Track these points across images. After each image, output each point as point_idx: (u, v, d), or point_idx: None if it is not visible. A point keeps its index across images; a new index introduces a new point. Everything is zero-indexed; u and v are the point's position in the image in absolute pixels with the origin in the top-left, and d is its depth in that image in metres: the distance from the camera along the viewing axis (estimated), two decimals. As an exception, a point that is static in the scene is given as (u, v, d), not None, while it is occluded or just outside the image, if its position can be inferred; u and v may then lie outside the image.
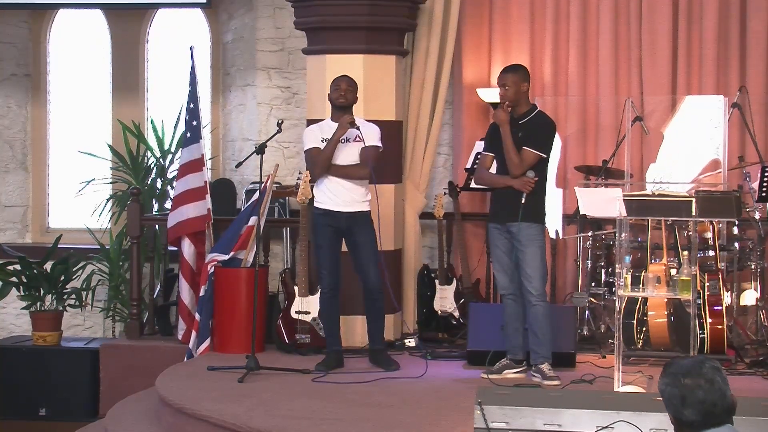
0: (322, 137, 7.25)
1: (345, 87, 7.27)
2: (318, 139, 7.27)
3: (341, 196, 7.21)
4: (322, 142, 7.24)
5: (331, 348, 7.34)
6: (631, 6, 8.62)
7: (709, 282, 7.27)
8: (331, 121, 7.31)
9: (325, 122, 7.40)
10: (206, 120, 9.44)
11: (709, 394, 3.38)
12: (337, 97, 7.27)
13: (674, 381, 3.42)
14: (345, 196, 7.22)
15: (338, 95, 7.26)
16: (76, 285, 9.05)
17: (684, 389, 3.39)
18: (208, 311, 7.88)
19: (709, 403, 3.37)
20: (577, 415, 4.70)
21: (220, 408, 6.16)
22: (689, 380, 3.39)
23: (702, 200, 6.44)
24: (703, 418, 3.37)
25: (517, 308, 6.98)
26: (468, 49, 8.86)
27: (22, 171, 10.06)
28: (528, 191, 6.78)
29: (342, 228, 7.26)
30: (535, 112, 6.98)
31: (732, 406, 3.41)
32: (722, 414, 3.38)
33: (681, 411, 3.39)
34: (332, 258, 7.30)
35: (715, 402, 3.37)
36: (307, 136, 7.36)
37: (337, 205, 7.22)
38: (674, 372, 3.44)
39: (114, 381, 8.18)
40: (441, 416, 6.00)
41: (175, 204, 8.33)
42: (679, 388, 3.40)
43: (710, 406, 3.37)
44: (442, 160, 9.14)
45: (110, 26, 10.00)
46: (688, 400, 3.38)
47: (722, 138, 7.94)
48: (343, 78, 7.34)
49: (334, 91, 7.30)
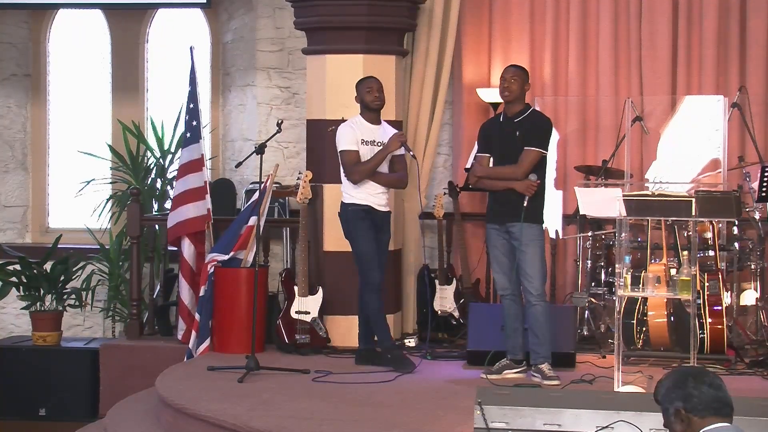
0: (362, 138, 7.26)
1: (377, 88, 7.30)
2: (354, 140, 7.26)
3: (380, 196, 7.30)
4: (362, 144, 7.24)
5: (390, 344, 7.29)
6: (631, 6, 8.62)
7: (709, 282, 7.27)
8: (365, 121, 7.32)
9: (357, 120, 7.36)
10: (206, 120, 9.45)
11: (716, 378, 3.44)
12: (373, 100, 7.30)
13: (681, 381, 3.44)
14: (383, 197, 7.32)
15: (373, 98, 7.30)
16: (76, 285, 9.05)
17: (689, 373, 3.44)
18: (208, 311, 7.88)
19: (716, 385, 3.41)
20: (577, 415, 4.70)
21: (220, 408, 6.16)
22: (695, 379, 3.42)
23: (702, 200, 6.44)
24: (715, 393, 3.38)
25: (517, 308, 6.99)
26: (468, 49, 8.86)
27: (22, 171, 10.06)
28: (531, 195, 6.79)
29: (378, 226, 7.31)
30: (530, 110, 6.98)
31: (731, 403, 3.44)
32: (728, 404, 3.40)
33: (691, 392, 3.40)
34: (377, 252, 7.28)
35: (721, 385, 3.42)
36: (344, 136, 7.30)
37: (377, 204, 7.27)
38: (680, 376, 3.46)
39: (114, 381, 8.18)
40: (441, 416, 6.00)
41: (175, 204, 8.33)
42: (683, 374, 3.44)
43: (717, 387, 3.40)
44: (442, 160, 9.14)
45: (110, 26, 10.00)
46: (699, 378, 3.41)
47: (722, 138, 7.95)
48: (373, 80, 7.36)
49: (367, 94, 7.30)
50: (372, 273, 7.24)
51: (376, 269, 7.24)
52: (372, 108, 7.30)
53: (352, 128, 7.31)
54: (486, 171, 7.00)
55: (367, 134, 7.26)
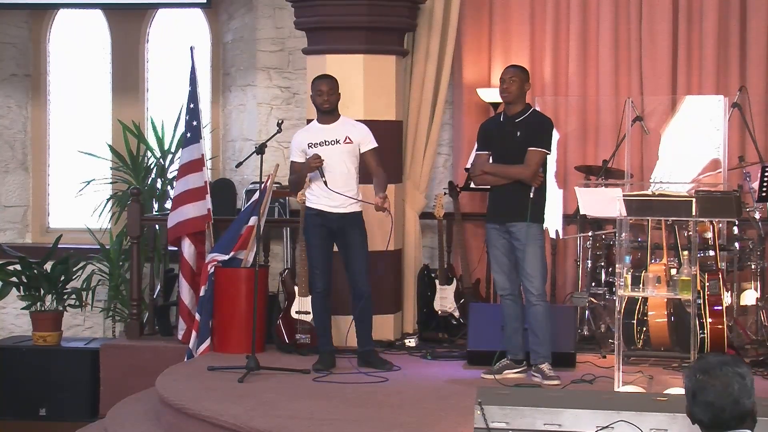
0: (309, 141, 7.22)
1: (327, 90, 7.22)
2: (302, 148, 7.24)
3: (333, 198, 7.17)
4: (309, 147, 7.20)
5: (325, 348, 7.32)
6: (631, 6, 8.62)
7: (709, 282, 7.26)
8: (317, 123, 7.31)
9: (312, 124, 7.40)
10: (206, 120, 9.44)
11: (720, 397, 3.32)
12: (322, 103, 7.24)
13: (691, 374, 3.37)
14: (337, 198, 7.18)
15: (322, 101, 7.23)
16: (76, 285, 9.05)
17: (696, 385, 3.35)
18: (208, 311, 7.88)
19: (718, 407, 3.31)
20: (577, 415, 4.70)
21: (220, 408, 6.16)
22: (704, 378, 3.34)
23: (702, 200, 6.44)
24: (710, 419, 3.32)
25: (517, 308, 6.99)
26: (468, 49, 8.86)
27: (22, 171, 10.06)
28: (537, 185, 6.79)
29: (334, 229, 7.25)
30: (530, 110, 6.98)
31: (746, 413, 3.33)
32: (731, 420, 3.31)
33: (691, 407, 3.36)
34: (324, 258, 7.28)
35: (724, 407, 3.31)
36: (292, 146, 7.36)
37: (329, 207, 7.20)
38: (696, 366, 3.40)
39: (114, 381, 8.18)
40: (441, 416, 5.99)
41: (175, 204, 8.33)
42: (693, 382, 3.36)
43: (718, 410, 3.31)
44: (442, 160, 9.14)
45: (110, 26, 10.00)
46: (698, 397, 3.34)
47: (722, 138, 7.94)
48: (323, 80, 7.30)
49: (317, 96, 7.26)
50: (313, 279, 7.32)
51: (319, 276, 7.24)
52: (321, 110, 7.27)
53: (301, 135, 7.33)
54: (493, 168, 6.99)
55: (317, 136, 7.22)
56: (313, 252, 7.33)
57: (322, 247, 7.27)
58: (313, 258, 7.34)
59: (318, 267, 7.28)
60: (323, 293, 7.31)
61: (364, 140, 7.24)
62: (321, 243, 7.26)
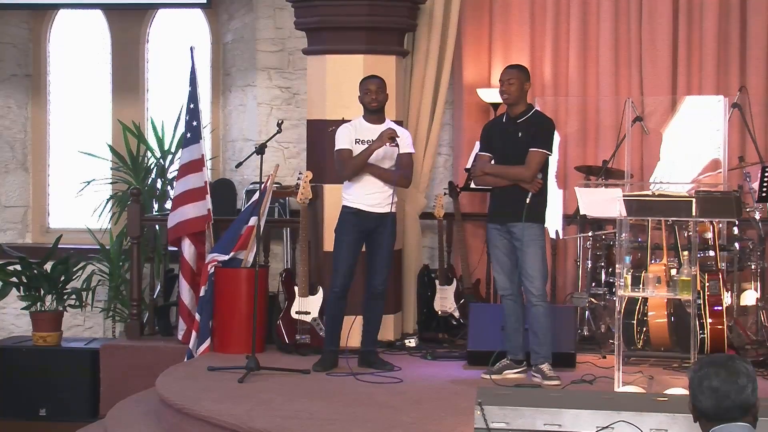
0: (357, 138, 7.20)
1: (375, 89, 7.21)
2: (351, 140, 7.20)
3: (374, 196, 7.18)
4: (356, 144, 7.19)
5: (328, 348, 7.32)
6: (631, 6, 8.62)
7: (709, 282, 7.27)
8: (365, 121, 7.26)
9: (357, 122, 7.31)
10: (206, 120, 9.45)
11: (726, 383, 3.36)
12: (370, 102, 7.21)
13: (698, 366, 3.41)
14: (377, 197, 7.19)
15: (370, 99, 7.21)
16: (76, 285, 9.05)
17: (703, 374, 3.38)
18: (208, 311, 7.88)
19: (723, 393, 3.34)
20: (577, 415, 4.69)
21: (220, 408, 6.16)
22: (711, 368, 3.38)
23: (702, 200, 6.44)
24: (713, 406, 3.34)
25: (517, 308, 6.99)
26: (468, 49, 8.87)
27: (22, 171, 10.06)
28: (535, 191, 6.79)
29: (369, 229, 7.22)
30: (532, 111, 6.98)
31: (749, 405, 3.36)
32: (735, 409, 3.34)
33: (696, 395, 3.38)
34: (350, 260, 7.23)
35: (729, 393, 3.34)
36: (340, 136, 7.25)
37: (367, 206, 7.19)
38: (703, 359, 3.44)
39: (114, 381, 8.18)
40: (441, 416, 5.99)
41: (175, 204, 8.33)
42: (699, 372, 3.39)
43: (723, 396, 3.34)
44: (442, 160, 9.14)
45: (110, 26, 10.00)
46: (704, 384, 3.36)
47: (722, 138, 7.94)
48: (372, 80, 7.28)
49: (365, 95, 7.23)
50: (335, 277, 7.26)
51: (341, 276, 7.21)
52: (369, 109, 7.27)
53: (348, 128, 7.28)
54: (493, 169, 6.98)
55: (364, 134, 7.21)
56: (341, 251, 7.25)
57: (350, 248, 7.22)
58: (339, 257, 7.25)
59: (341, 267, 7.22)
60: (339, 293, 7.26)
61: (404, 144, 7.21)
62: (351, 244, 7.22)
